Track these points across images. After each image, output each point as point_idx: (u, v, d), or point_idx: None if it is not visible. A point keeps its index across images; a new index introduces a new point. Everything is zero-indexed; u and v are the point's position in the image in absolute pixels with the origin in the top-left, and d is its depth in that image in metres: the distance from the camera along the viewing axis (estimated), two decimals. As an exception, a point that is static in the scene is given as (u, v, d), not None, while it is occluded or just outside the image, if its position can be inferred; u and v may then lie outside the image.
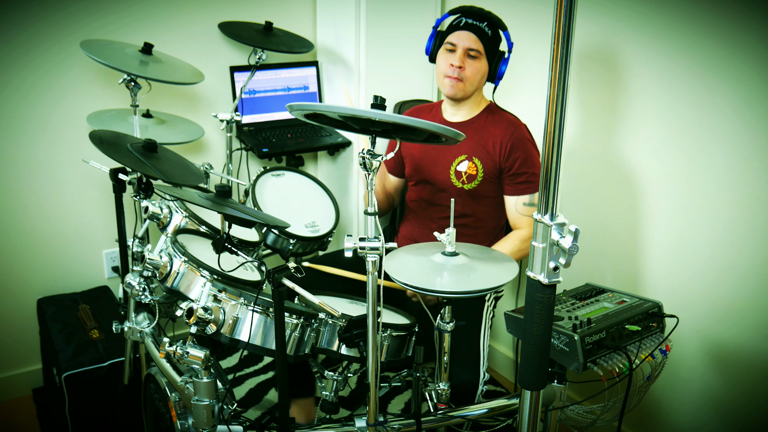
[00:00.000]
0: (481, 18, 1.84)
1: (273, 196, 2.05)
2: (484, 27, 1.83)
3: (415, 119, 1.26)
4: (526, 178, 1.90)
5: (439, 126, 1.29)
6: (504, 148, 1.89)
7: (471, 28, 1.84)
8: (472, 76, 1.87)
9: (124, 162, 1.61)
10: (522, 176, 1.90)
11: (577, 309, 1.54)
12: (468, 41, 1.84)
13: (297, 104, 1.36)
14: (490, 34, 1.84)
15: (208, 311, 1.41)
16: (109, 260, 2.57)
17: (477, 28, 1.83)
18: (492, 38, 1.85)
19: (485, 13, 1.86)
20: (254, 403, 2.45)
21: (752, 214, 1.75)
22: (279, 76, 2.68)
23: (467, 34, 1.84)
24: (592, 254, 2.21)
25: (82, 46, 1.96)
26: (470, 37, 1.84)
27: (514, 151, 1.89)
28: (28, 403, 2.45)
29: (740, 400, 1.87)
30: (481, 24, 1.83)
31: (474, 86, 1.90)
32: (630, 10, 1.97)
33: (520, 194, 1.91)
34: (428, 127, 1.27)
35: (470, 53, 1.85)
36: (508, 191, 1.94)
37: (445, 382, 1.59)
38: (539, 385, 1.16)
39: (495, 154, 1.90)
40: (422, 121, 1.26)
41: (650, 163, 2.00)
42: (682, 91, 1.87)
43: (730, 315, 1.85)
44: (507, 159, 1.89)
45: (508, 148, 1.89)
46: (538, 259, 1.04)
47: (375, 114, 1.24)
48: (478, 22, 1.83)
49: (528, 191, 1.91)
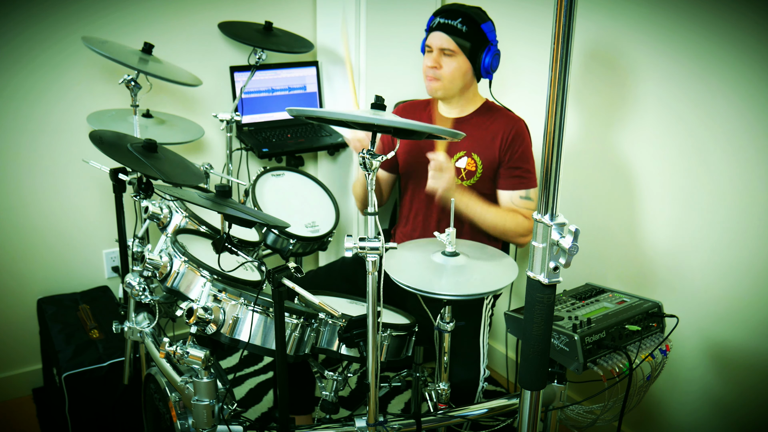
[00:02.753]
0: (454, 15, 1.84)
1: (273, 196, 2.05)
2: (456, 24, 1.83)
3: (416, 123, 1.26)
4: (521, 173, 1.90)
5: (440, 129, 1.29)
6: (505, 141, 1.89)
7: (443, 27, 1.85)
8: (450, 74, 1.87)
9: (124, 162, 1.61)
10: (517, 170, 1.90)
11: (577, 309, 1.54)
12: (440, 41, 1.85)
13: (296, 109, 1.36)
14: (465, 29, 1.83)
15: (208, 311, 1.41)
16: (109, 260, 2.57)
17: (449, 26, 1.84)
18: (467, 34, 1.84)
19: (459, 9, 1.85)
20: (254, 403, 2.45)
21: (752, 214, 1.75)
22: (279, 76, 2.68)
23: (440, 34, 1.85)
24: (592, 254, 2.21)
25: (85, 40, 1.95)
26: (442, 37, 1.85)
27: (514, 144, 1.90)
28: (28, 403, 2.45)
29: (740, 400, 1.87)
30: (453, 22, 1.83)
31: (455, 83, 1.89)
32: (630, 10, 1.97)
33: (514, 188, 1.91)
34: (427, 129, 1.27)
35: (445, 52, 1.86)
36: (502, 185, 1.93)
37: (445, 382, 1.59)
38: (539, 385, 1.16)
39: (496, 148, 1.90)
40: (422, 124, 1.27)
41: (650, 163, 2.00)
42: (682, 91, 1.87)
43: (730, 315, 1.85)
44: (507, 151, 1.90)
45: (509, 140, 1.89)
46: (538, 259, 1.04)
47: (376, 119, 1.24)
48: (451, 20, 1.83)
49: (522, 186, 1.91)
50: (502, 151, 1.90)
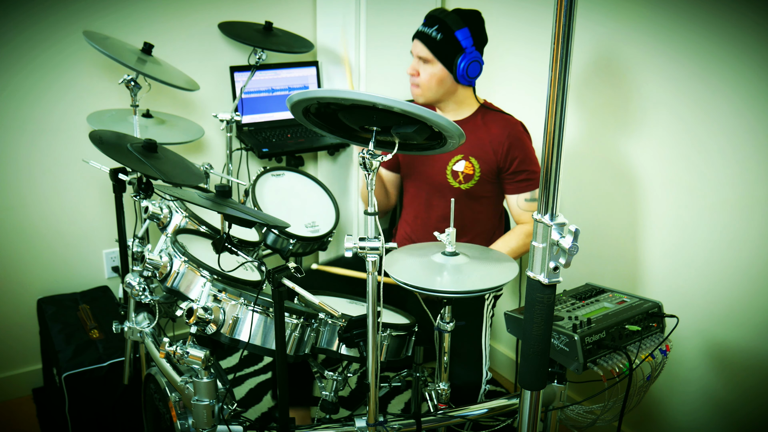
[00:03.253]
0: (432, 22, 1.85)
1: (273, 196, 2.05)
2: (431, 33, 1.84)
3: (422, 108, 1.19)
4: (526, 176, 1.90)
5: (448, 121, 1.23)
6: (502, 148, 1.89)
7: (420, 36, 1.88)
8: (427, 81, 1.89)
9: (124, 162, 1.61)
10: (522, 174, 1.90)
11: (577, 309, 1.54)
12: (417, 49, 1.88)
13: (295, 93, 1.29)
14: (440, 37, 1.84)
15: (208, 311, 1.41)
16: (109, 260, 2.57)
17: (424, 35, 1.86)
18: (442, 41, 1.84)
19: (438, 16, 1.86)
20: (254, 403, 2.45)
21: (752, 215, 1.75)
22: (279, 76, 2.69)
23: (417, 42, 1.89)
24: (592, 254, 2.21)
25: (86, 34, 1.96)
26: (418, 45, 1.88)
27: (512, 150, 1.89)
28: (28, 403, 2.45)
29: (740, 400, 1.87)
30: (429, 30, 1.85)
31: (432, 90, 1.90)
32: (630, 10, 1.97)
33: (521, 192, 1.92)
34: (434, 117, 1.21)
35: (422, 60, 1.88)
36: (509, 190, 1.94)
37: (445, 382, 1.59)
38: (539, 385, 1.16)
39: (492, 154, 1.90)
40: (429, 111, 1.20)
41: (650, 163, 2.00)
42: (682, 91, 1.87)
43: (730, 315, 1.85)
44: (505, 158, 1.89)
45: (506, 147, 1.89)
46: (538, 259, 1.05)
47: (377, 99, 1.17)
48: (428, 28, 1.86)
49: (529, 188, 1.91)
50: (500, 157, 1.89)
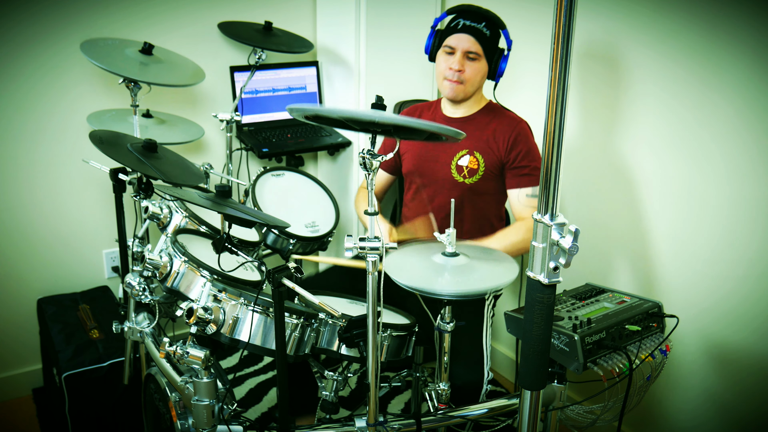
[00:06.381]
0: (479, 18, 1.83)
1: (273, 196, 2.05)
2: (482, 28, 1.83)
3: (416, 120, 1.25)
4: (529, 171, 1.91)
5: (440, 126, 1.28)
6: (507, 143, 1.90)
7: (469, 30, 1.83)
8: (472, 78, 1.88)
9: (124, 162, 1.61)
10: (524, 169, 1.91)
11: (577, 309, 1.54)
12: (467, 44, 1.84)
13: (297, 106, 1.35)
14: (489, 34, 1.84)
15: (208, 311, 1.41)
16: (109, 260, 2.57)
17: (475, 29, 1.83)
18: (491, 38, 1.85)
19: (483, 13, 1.85)
20: (254, 403, 2.45)
21: (752, 215, 1.75)
22: (279, 76, 2.68)
23: (466, 36, 1.84)
24: (592, 254, 2.21)
25: (83, 48, 1.95)
26: (469, 40, 1.84)
27: (517, 145, 1.90)
28: (28, 403, 2.45)
29: (740, 400, 1.87)
30: (479, 25, 1.83)
31: (475, 87, 1.91)
32: (630, 10, 1.97)
33: (522, 186, 1.92)
34: (428, 127, 1.27)
35: (469, 56, 1.85)
36: (511, 184, 1.94)
37: (445, 382, 1.59)
38: (539, 385, 1.16)
39: (497, 149, 1.91)
40: (423, 122, 1.25)
41: (650, 163, 2.00)
42: (682, 91, 1.87)
43: (730, 315, 1.85)
44: (509, 152, 1.90)
45: (511, 141, 1.90)
46: (538, 259, 1.04)
47: (377, 116, 1.23)
48: (476, 23, 1.83)
49: (531, 183, 1.91)
50: (504, 152, 1.90)
